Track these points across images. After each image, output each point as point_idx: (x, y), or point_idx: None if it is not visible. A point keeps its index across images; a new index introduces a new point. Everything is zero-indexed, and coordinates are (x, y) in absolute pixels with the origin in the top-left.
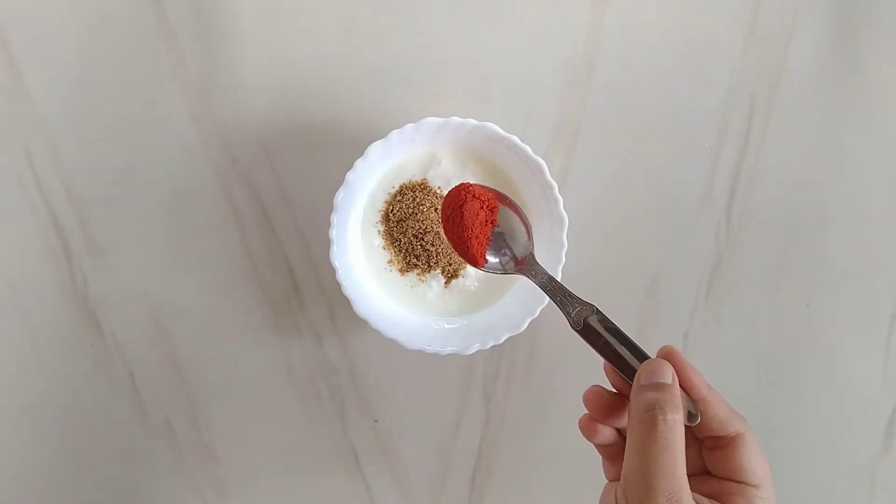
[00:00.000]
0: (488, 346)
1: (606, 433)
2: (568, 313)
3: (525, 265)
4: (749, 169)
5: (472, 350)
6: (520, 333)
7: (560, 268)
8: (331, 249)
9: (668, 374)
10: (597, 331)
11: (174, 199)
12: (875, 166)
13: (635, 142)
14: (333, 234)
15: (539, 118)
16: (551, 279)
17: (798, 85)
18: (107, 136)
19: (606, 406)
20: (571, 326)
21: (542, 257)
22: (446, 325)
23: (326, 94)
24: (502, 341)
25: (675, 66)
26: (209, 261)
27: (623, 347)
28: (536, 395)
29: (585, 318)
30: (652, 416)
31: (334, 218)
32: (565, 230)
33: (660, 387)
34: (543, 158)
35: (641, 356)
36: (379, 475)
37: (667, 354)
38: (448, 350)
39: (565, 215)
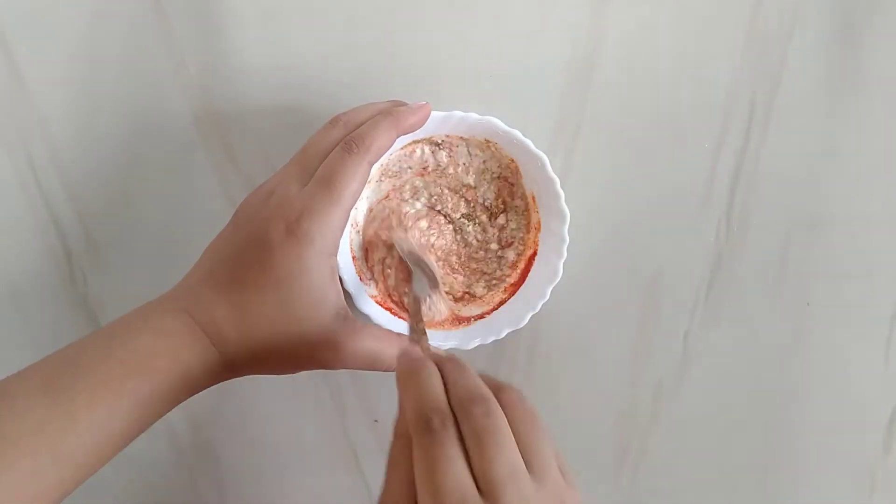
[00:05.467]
0: (489, 341)
1: None
2: None
3: None
4: (749, 169)
5: (473, 345)
6: (521, 328)
7: (562, 262)
8: None
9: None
10: None
11: (174, 198)
12: (875, 166)
13: (635, 142)
14: None
15: (539, 118)
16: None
17: (798, 85)
18: (107, 136)
19: None
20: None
21: (543, 252)
22: None
23: (326, 94)
24: (503, 336)
25: (675, 66)
26: None
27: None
28: (537, 390)
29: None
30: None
31: None
32: (566, 225)
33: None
34: None
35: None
36: (379, 475)
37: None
38: (448, 345)
39: (567, 210)
